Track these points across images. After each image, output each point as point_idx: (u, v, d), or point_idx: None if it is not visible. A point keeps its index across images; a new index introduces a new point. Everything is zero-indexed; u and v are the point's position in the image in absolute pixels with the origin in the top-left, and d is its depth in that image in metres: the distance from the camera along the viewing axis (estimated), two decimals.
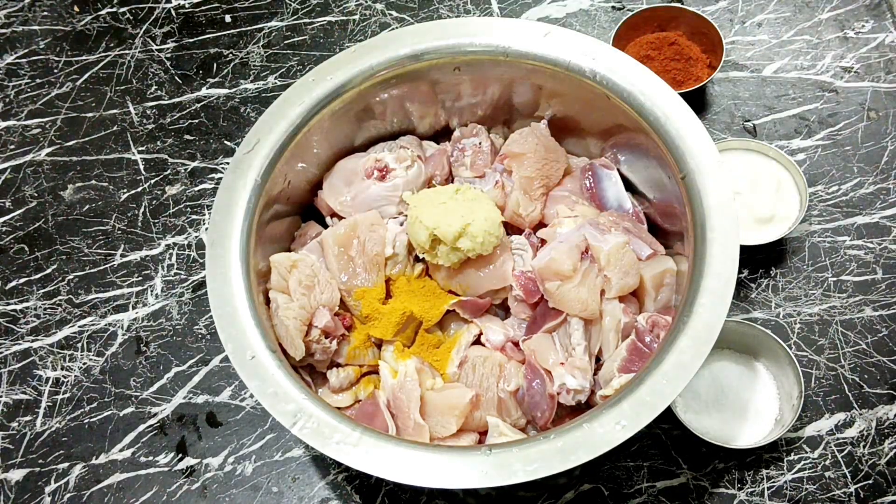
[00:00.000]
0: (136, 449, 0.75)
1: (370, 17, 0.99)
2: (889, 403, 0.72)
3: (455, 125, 0.78)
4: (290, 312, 0.63)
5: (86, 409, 0.77)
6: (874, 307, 0.76)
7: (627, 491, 0.70)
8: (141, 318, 0.81)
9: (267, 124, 0.67)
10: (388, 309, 0.66)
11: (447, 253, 0.65)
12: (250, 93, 0.95)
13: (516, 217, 0.70)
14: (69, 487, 0.73)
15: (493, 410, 0.64)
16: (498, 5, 0.99)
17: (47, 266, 0.85)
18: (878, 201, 0.81)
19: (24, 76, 0.98)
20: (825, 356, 0.74)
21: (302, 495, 0.72)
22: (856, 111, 0.87)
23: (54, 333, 0.81)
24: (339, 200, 0.72)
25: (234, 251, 0.63)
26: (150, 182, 0.89)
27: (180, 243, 0.85)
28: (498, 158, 0.73)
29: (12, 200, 0.89)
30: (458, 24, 0.70)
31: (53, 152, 0.92)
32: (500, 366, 0.65)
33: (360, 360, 0.67)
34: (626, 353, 0.62)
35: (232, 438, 0.75)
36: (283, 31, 0.99)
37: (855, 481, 0.69)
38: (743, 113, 0.87)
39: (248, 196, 0.65)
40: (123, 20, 1.01)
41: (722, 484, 0.69)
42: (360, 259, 0.67)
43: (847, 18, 0.93)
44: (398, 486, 0.71)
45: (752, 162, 0.80)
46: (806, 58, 0.90)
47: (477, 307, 0.68)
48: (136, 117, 0.94)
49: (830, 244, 0.80)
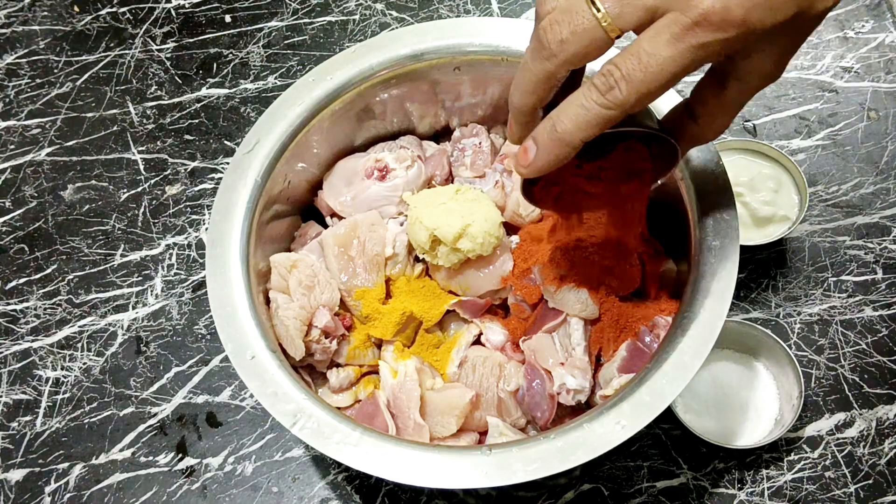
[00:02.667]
0: (136, 449, 0.75)
1: (370, 17, 0.99)
2: (889, 403, 0.72)
3: (455, 125, 0.78)
4: (290, 312, 0.63)
5: (86, 409, 0.77)
6: (874, 307, 0.76)
7: (627, 491, 0.70)
8: (141, 318, 0.81)
9: (267, 124, 0.67)
10: (388, 309, 0.66)
11: (447, 253, 0.65)
12: (250, 93, 0.95)
13: (516, 217, 0.70)
14: (69, 487, 0.73)
15: (493, 410, 0.64)
16: (498, 5, 0.99)
17: (47, 266, 0.85)
18: (878, 201, 0.82)
19: (24, 76, 0.98)
20: (825, 356, 0.74)
21: (302, 495, 0.72)
22: (856, 111, 0.87)
23: (54, 333, 0.81)
24: (339, 200, 0.72)
25: (234, 251, 0.63)
26: (150, 182, 0.89)
27: (180, 243, 0.85)
28: (498, 158, 0.73)
29: (12, 200, 0.90)
30: (458, 24, 0.70)
31: (53, 152, 0.92)
32: (500, 366, 0.65)
33: (360, 360, 0.67)
34: (626, 353, 0.62)
35: (232, 438, 0.75)
36: (283, 31, 0.99)
37: (855, 481, 0.69)
38: (743, 113, 0.87)
39: (248, 196, 0.65)
40: (123, 20, 1.01)
41: (722, 484, 0.69)
42: (360, 259, 0.67)
43: (847, 18, 0.93)
44: (398, 486, 0.71)
45: (752, 162, 0.80)
46: (806, 58, 0.90)
47: (477, 307, 0.68)
48: (136, 117, 0.94)
49: (830, 244, 0.80)
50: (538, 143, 0.45)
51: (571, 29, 0.42)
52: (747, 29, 0.39)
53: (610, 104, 0.42)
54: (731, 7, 0.39)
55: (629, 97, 0.41)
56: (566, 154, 0.44)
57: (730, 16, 0.39)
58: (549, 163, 0.45)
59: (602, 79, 0.42)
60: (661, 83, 0.41)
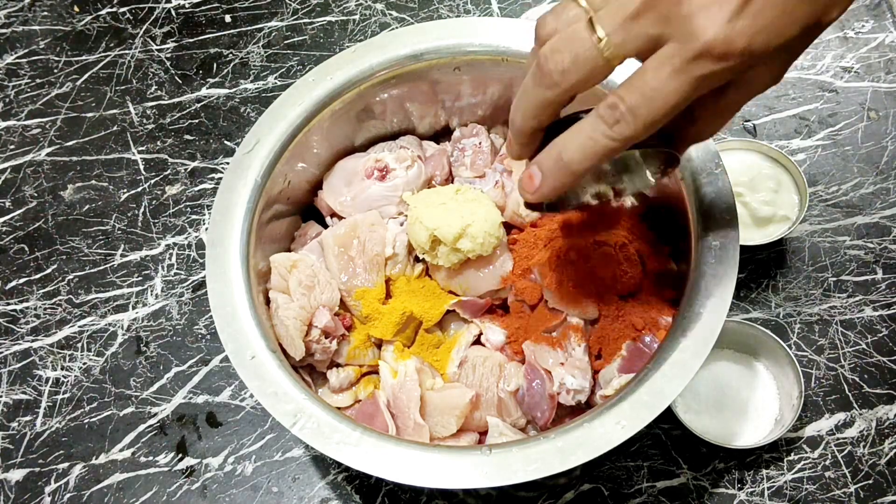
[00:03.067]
0: (136, 449, 0.75)
1: (370, 17, 0.99)
2: (889, 403, 0.72)
3: (455, 125, 0.78)
4: (290, 312, 0.63)
5: (86, 409, 0.77)
6: (874, 307, 0.76)
7: (627, 491, 0.70)
8: (141, 318, 0.81)
9: (267, 124, 0.67)
10: (388, 309, 0.66)
11: (447, 253, 0.65)
12: (250, 93, 0.95)
13: (516, 217, 0.70)
14: (69, 487, 0.73)
15: (493, 410, 0.64)
16: (498, 5, 0.99)
17: (47, 266, 0.85)
18: (878, 201, 0.82)
19: (24, 76, 0.98)
20: (825, 356, 0.74)
21: (302, 495, 0.72)
22: (856, 111, 0.87)
23: (54, 333, 0.81)
24: (339, 200, 0.72)
25: (234, 251, 0.63)
26: (150, 182, 0.89)
27: (180, 243, 0.85)
28: (498, 158, 0.73)
29: (12, 200, 0.89)
30: (458, 24, 0.70)
31: (53, 152, 0.92)
32: (500, 366, 0.65)
33: (360, 360, 0.67)
34: (626, 353, 0.62)
35: (232, 438, 0.75)
36: (283, 31, 0.99)
37: (855, 481, 0.69)
38: (743, 113, 0.87)
39: (248, 196, 0.65)
40: (123, 20, 1.01)
41: (722, 484, 0.69)
42: (360, 259, 0.67)
43: (847, 18, 0.93)
44: (398, 486, 0.71)
45: (752, 162, 0.80)
46: (806, 58, 0.90)
47: (477, 307, 0.68)
48: (136, 117, 0.94)
49: (830, 244, 0.80)
50: (543, 170, 0.46)
51: (573, 58, 0.42)
52: (751, 55, 0.39)
53: (616, 136, 0.42)
54: (733, 38, 0.38)
55: (636, 130, 0.41)
56: (571, 182, 0.45)
57: (732, 47, 0.38)
58: (554, 190, 0.46)
59: (608, 111, 0.42)
60: (664, 114, 0.41)
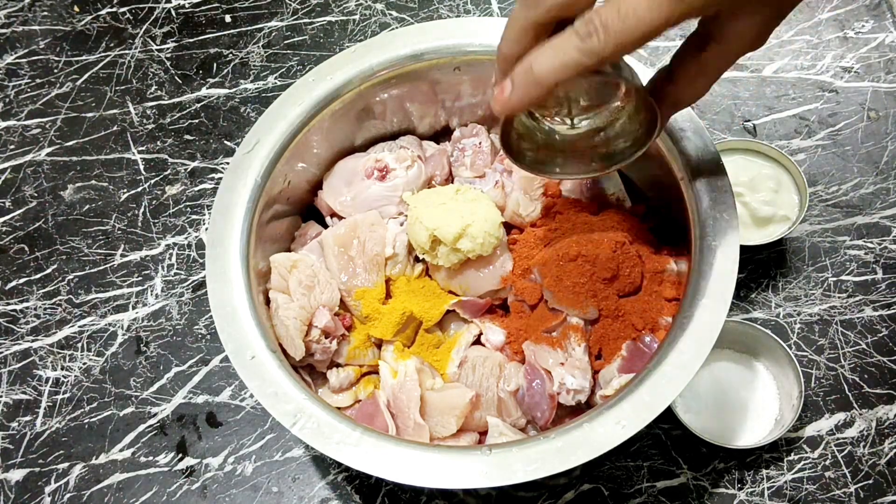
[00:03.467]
0: (136, 449, 0.75)
1: (370, 17, 0.99)
2: (889, 403, 0.72)
3: (455, 125, 0.78)
4: (290, 312, 0.63)
5: (86, 409, 0.77)
6: (874, 307, 0.76)
7: (627, 491, 0.70)
8: (141, 318, 0.81)
9: (267, 124, 0.67)
10: (388, 309, 0.66)
11: (447, 254, 0.65)
12: (250, 93, 0.95)
13: (516, 217, 0.70)
14: (69, 487, 0.73)
15: (493, 410, 0.64)
16: (498, 5, 0.99)
17: (47, 266, 0.85)
18: (878, 201, 0.82)
19: (24, 76, 0.98)
20: (825, 356, 0.74)
21: (302, 495, 0.72)
22: (856, 111, 0.87)
23: (54, 333, 0.81)
24: (339, 200, 0.72)
25: (234, 251, 0.63)
26: (150, 182, 0.89)
27: (180, 243, 0.85)
28: (498, 158, 0.73)
29: (12, 200, 0.90)
30: (458, 24, 0.70)
31: (53, 152, 0.92)
32: (500, 366, 0.65)
33: (360, 360, 0.67)
34: (626, 353, 0.62)
35: (232, 438, 0.75)
36: (283, 31, 0.99)
37: (855, 481, 0.69)
38: (743, 113, 0.87)
39: (248, 196, 0.65)
40: (123, 20, 1.01)
41: (722, 484, 0.69)
42: (360, 259, 0.67)
43: (847, 18, 0.93)
44: (398, 486, 0.71)
45: (752, 162, 0.80)
46: (806, 58, 0.90)
47: (477, 307, 0.68)
48: (136, 117, 0.94)
49: (830, 244, 0.80)
50: (514, 82, 0.46)
51: None
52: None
53: (586, 50, 0.42)
54: None
55: (606, 46, 0.42)
56: (539, 94, 0.45)
57: None
58: (522, 101, 0.46)
59: (583, 25, 0.42)
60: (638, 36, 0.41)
